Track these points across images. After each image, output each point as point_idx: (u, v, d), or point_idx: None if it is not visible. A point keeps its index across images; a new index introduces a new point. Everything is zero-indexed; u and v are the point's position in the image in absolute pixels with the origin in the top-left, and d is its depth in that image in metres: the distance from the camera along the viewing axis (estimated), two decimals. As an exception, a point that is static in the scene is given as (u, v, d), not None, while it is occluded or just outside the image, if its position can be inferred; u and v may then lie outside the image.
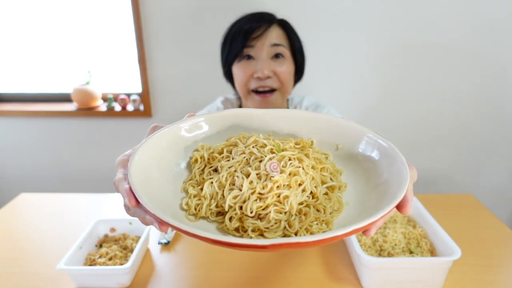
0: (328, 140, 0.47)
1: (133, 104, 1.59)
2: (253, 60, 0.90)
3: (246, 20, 0.91)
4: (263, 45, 0.88)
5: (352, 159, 0.46)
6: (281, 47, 0.90)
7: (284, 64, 0.91)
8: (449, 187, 1.67)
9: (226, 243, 0.33)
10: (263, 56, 0.89)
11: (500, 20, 1.38)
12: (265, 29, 0.88)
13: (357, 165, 0.45)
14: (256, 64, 0.89)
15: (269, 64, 0.89)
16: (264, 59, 0.89)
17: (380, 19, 1.40)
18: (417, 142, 1.59)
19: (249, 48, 0.89)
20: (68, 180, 1.77)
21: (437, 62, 1.45)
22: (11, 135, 1.70)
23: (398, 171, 0.39)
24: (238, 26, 0.92)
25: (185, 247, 0.84)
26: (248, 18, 0.92)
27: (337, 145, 0.47)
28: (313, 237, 0.31)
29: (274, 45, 0.89)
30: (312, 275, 0.74)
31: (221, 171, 0.42)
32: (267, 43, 0.89)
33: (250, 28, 0.87)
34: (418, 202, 0.86)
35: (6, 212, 1.02)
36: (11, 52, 1.66)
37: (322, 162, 0.43)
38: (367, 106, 1.54)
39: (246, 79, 0.91)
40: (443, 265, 0.67)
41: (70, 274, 0.70)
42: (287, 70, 0.92)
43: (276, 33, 0.90)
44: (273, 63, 0.90)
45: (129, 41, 1.52)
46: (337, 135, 0.47)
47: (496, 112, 1.53)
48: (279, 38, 0.91)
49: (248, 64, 0.90)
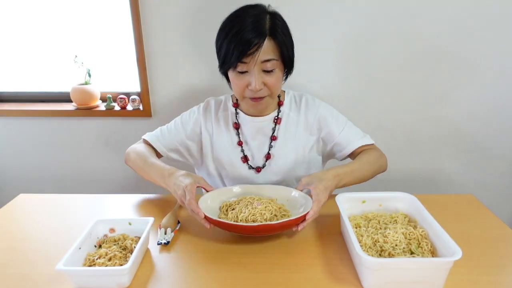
0: (283, 197, 0.97)
1: (132, 104, 1.59)
2: (247, 74, 0.97)
3: (241, 29, 0.93)
4: (255, 62, 0.94)
5: (289, 200, 0.96)
6: (271, 62, 0.96)
7: (274, 75, 0.98)
8: (449, 187, 1.66)
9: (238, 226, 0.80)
10: (255, 71, 0.96)
11: (500, 20, 1.38)
12: (257, 46, 0.93)
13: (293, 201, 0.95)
14: (250, 77, 0.97)
15: (260, 77, 0.97)
16: (256, 74, 0.96)
17: (381, 19, 1.40)
18: (417, 142, 1.59)
19: (243, 64, 0.95)
20: (67, 181, 1.77)
21: (437, 62, 1.45)
22: (9, 135, 1.69)
23: (306, 205, 0.88)
24: (234, 34, 0.93)
25: (185, 248, 0.84)
26: (243, 27, 0.93)
27: (287, 200, 0.96)
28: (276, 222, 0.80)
29: (265, 61, 0.95)
30: (312, 275, 0.74)
31: (236, 207, 0.89)
32: (258, 60, 0.94)
33: (245, 45, 0.92)
34: (418, 202, 0.86)
35: (5, 213, 1.01)
36: (10, 51, 1.65)
37: (276, 203, 0.92)
38: (367, 106, 1.54)
39: (241, 89, 1.00)
40: (444, 266, 0.66)
41: (69, 275, 0.70)
42: (276, 80, 0.99)
43: (267, 48, 0.94)
44: (264, 76, 0.98)
45: (128, 40, 1.52)
46: (286, 195, 0.96)
47: (496, 112, 1.53)
48: (269, 53, 0.95)
49: (242, 77, 0.98)
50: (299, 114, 1.13)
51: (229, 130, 1.13)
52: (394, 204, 0.91)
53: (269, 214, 0.85)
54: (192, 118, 1.15)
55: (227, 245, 0.84)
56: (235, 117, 1.13)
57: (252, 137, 1.12)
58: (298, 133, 1.12)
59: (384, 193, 0.91)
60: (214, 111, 1.14)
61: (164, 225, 0.88)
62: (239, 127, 1.13)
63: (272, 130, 1.11)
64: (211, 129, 1.14)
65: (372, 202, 0.91)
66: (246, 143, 1.12)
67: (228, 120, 1.14)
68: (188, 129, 1.14)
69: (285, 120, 1.12)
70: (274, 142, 1.11)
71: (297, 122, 1.12)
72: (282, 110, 1.12)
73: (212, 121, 1.14)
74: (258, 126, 1.11)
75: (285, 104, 1.14)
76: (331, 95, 1.52)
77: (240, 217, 0.84)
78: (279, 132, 1.11)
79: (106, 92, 1.66)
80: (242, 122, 1.13)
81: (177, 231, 0.89)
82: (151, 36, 1.47)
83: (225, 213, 0.90)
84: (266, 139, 1.12)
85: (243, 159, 1.12)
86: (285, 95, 1.16)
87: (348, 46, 1.45)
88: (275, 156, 1.11)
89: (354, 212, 0.90)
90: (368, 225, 0.83)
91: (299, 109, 1.13)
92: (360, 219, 0.85)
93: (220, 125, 1.14)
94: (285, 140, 1.11)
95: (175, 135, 1.14)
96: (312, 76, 1.49)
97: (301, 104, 1.14)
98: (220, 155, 1.13)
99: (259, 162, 1.12)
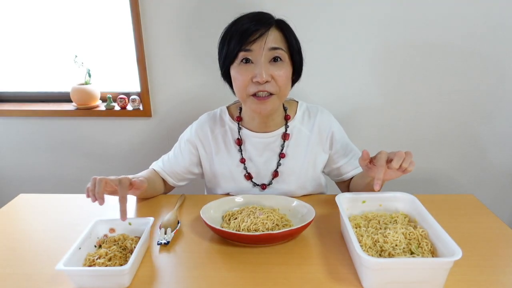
0: (284, 207, 0.96)
1: (132, 104, 1.59)
2: (252, 64, 0.90)
3: (243, 22, 0.90)
4: (261, 49, 0.88)
5: (291, 210, 0.95)
6: (280, 51, 0.90)
7: (282, 68, 0.91)
8: (449, 187, 1.66)
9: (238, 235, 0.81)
10: (262, 60, 0.88)
11: (501, 19, 1.38)
12: (263, 33, 0.87)
13: (294, 211, 0.95)
14: (255, 68, 0.89)
15: (267, 68, 0.89)
16: (263, 63, 0.88)
17: (381, 18, 1.40)
18: (418, 142, 1.59)
19: (247, 52, 0.88)
20: (67, 181, 1.77)
21: (438, 62, 1.45)
22: (8, 135, 1.69)
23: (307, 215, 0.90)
24: (235, 28, 0.91)
25: (185, 248, 0.84)
26: (246, 20, 0.90)
27: (289, 210, 0.95)
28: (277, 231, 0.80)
29: (272, 48, 0.88)
30: (312, 276, 0.74)
31: (238, 217, 0.89)
32: (266, 47, 0.88)
33: (248, 31, 0.86)
34: (418, 203, 0.86)
35: (4, 213, 1.01)
36: (10, 51, 1.65)
37: (278, 213, 0.92)
38: (367, 106, 1.54)
39: (245, 83, 0.91)
40: (444, 266, 0.66)
41: (69, 275, 0.70)
42: (285, 74, 0.91)
43: (274, 36, 0.89)
44: (272, 67, 0.90)
45: (128, 40, 1.52)
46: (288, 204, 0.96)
47: (496, 112, 1.53)
48: (277, 41, 0.90)
49: (246, 68, 0.90)
50: (313, 129, 1.06)
51: (228, 147, 1.07)
52: (394, 204, 0.90)
53: (271, 223, 0.85)
54: (188, 144, 1.10)
55: (227, 245, 0.84)
56: (238, 133, 1.06)
57: (258, 154, 1.06)
58: (310, 150, 1.05)
59: (384, 193, 0.91)
60: (210, 131, 1.08)
61: (164, 225, 0.88)
62: (242, 144, 1.06)
63: (280, 147, 1.05)
64: (210, 150, 1.09)
65: (372, 202, 0.91)
66: (251, 160, 1.06)
67: (227, 137, 1.07)
68: (187, 157, 1.10)
69: (296, 135, 1.05)
70: (282, 159, 1.05)
71: (309, 138, 1.06)
72: (292, 125, 1.05)
73: (210, 141, 1.08)
74: (265, 142, 1.05)
75: (296, 118, 1.06)
76: (329, 94, 1.52)
77: (242, 226, 0.85)
78: (288, 149, 1.05)
79: (106, 92, 1.66)
80: (246, 138, 1.06)
81: (177, 231, 0.89)
82: (151, 36, 1.47)
83: (227, 222, 0.90)
84: (274, 155, 1.05)
85: (246, 177, 1.06)
86: (297, 107, 1.09)
87: (348, 47, 1.44)
88: (283, 174, 1.05)
89: (354, 212, 0.90)
90: (368, 225, 0.83)
91: (313, 124, 1.06)
92: (360, 219, 0.85)
93: (219, 143, 1.08)
94: (294, 157, 1.05)
95: (177, 165, 1.11)
96: (311, 78, 1.49)
97: (316, 119, 1.07)
98: (222, 173, 1.08)
99: (265, 179, 1.07)
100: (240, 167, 1.06)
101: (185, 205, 1.04)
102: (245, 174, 1.07)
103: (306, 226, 0.83)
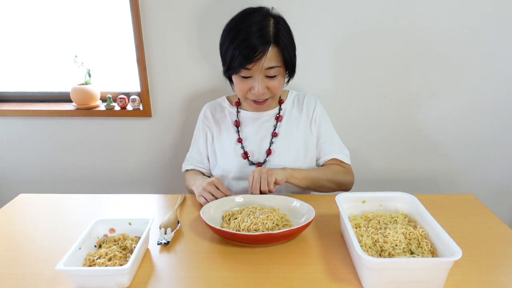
0: (284, 207, 0.97)
1: (132, 104, 1.58)
2: (250, 78, 1.02)
3: (246, 34, 0.96)
4: (259, 70, 0.99)
5: (291, 210, 0.96)
6: (275, 69, 1.00)
7: (277, 80, 1.03)
8: (449, 187, 1.66)
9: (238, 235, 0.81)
10: (259, 77, 1.01)
11: (501, 19, 1.38)
12: (261, 55, 0.96)
13: (294, 211, 0.95)
14: (253, 82, 1.02)
15: (263, 82, 1.02)
16: (260, 80, 1.01)
17: (382, 18, 1.39)
18: (418, 142, 1.59)
19: (247, 71, 1.00)
20: (67, 180, 1.77)
21: (438, 62, 1.45)
22: (9, 135, 1.69)
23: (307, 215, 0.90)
24: (237, 44, 0.96)
25: (185, 248, 0.84)
26: (248, 33, 0.96)
27: (289, 209, 0.96)
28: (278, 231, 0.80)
29: (269, 68, 0.99)
30: (312, 275, 0.74)
31: (238, 217, 0.90)
32: (263, 67, 0.98)
33: (249, 56, 0.96)
34: (418, 203, 0.86)
35: (4, 213, 1.01)
36: (10, 51, 1.65)
37: (278, 213, 0.93)
38: (367, 106, 1.54)
39: (244, 92, 1.06)
40: (444, 266, 0.66)
41: (69, 275, 0.70)
42: (279, 84, 1.04)
43: (271, 54, 0.98)
44: (267, 80, 1.03)
45: (128, 40, 1.52)
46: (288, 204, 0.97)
47: (496, 111, 1.53)
48: (273, 60, 0.99)
49: (246, 81, 1.03)
50: (301, 112, 1.19)
51: (228, 129, 1.19)
52: (394, 204, 0.91)
53: (271, 223, 0.86)
54: (200, 130, 1.23)
55: (227, 245, 0.84)
56: (236, 116, 1.19)
57: (253, 134, 1.17)
58: (299, 131, 1.16)
59: (384, 193, 0.91)
60: (211, 116, 1.22)
61: (164, 225, 0.88)
62: (240, 125, 1.18)
63: (273, 126, 1.17)
64: (212, 131, 1.22)
65: (372, 202, 0.91)
66: (247, 140, 1.17)
67: (226, 120, 1.20)
68: (204, 143, 1.22)
69: (287, 117, 1.18)
70: (275, 138, 1.16)
71: (298, 120, 1.18)
72: (283, 108, 1.19)
73: (213, 125, 1.21)
74: (260, 122, 1.17)
75: (287, 101, 1.20)
76: (330, 95, 1.52)
77: (242, 226, 0.86)
78: (280, 129, 1.16)
79: (106, 92, 1.66)
80: (243, 120, 1.19)
81: (177, 231, 0.89)
82: (151, 36, 1.47)
83: (227, 222, 0.91)
84: (267, 135, 1.17)
85: (243, 156, 1.16)
86: (288, 95, 1.22)
87: (347, 46, 1.44)
88: (276, 152, 1.15)
89: (354, 212, 0.90)
90: (368, 225, 0.83)
91: (301, 107, 1.19)
92: (360, 219, 0.85)
93: (220, 127, 1.20)
94: (286, 137, 1.16)
95: (201, 155, 1.23)
96: (309, 76, 1.49)
97: (304, 103, 1.20)
98: (222, 153, 1.17)
99: (260, 158, 1.16)
100: (238, 146, 1.17)
101: (185, 205, 1.05)
102: (242, 153, 1.16)
103: (306, 226, 0.83)
